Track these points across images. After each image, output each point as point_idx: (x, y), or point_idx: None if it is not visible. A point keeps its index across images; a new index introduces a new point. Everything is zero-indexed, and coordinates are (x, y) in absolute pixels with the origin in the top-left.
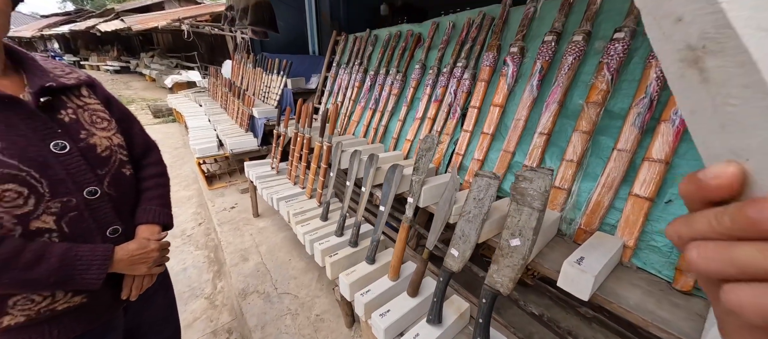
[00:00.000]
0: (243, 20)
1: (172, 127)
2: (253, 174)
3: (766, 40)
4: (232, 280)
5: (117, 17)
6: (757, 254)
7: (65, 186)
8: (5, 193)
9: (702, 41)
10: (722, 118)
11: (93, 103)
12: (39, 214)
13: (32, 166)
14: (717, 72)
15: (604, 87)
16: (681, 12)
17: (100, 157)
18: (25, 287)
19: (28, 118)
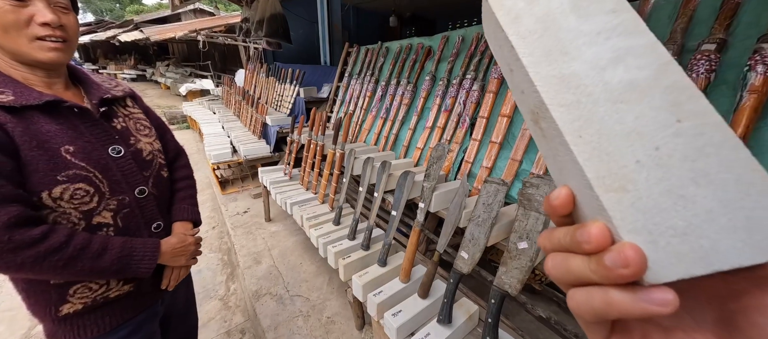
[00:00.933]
0: (258, 32)
1: (187, 134)
2: (267, 179)
3: (567, 114)
4: (245, 282)
5: (136, 28)
6: (584, 265)
7: (120, 186)
8: (77, 191)
9: (536, 109)
10: (558, 164)
11: (137, 112)
12: (100, 211)
13: (96, 168)
14: (548, 131)
15: None
16: (523, 87)
17: (145, 161)
18: (92, 274)
19: (92, 126)
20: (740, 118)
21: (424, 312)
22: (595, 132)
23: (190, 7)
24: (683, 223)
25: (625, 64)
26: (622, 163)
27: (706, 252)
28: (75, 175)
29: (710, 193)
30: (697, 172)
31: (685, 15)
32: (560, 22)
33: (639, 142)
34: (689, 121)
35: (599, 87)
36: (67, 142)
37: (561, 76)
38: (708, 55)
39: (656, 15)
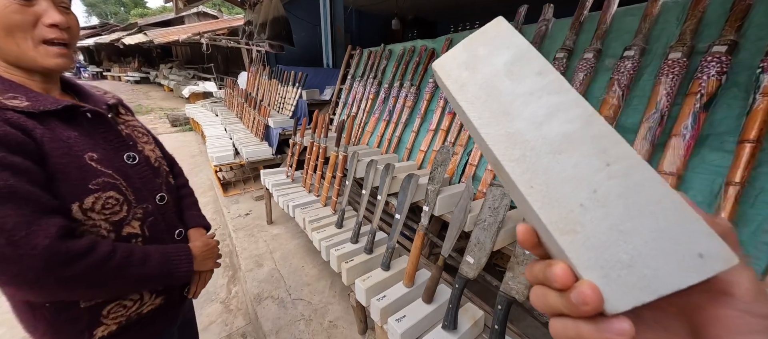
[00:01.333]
0: (261, 34)
1: (189, 136)
2: (269, 181)
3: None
4: (246, 285)
5: (140, 31)
6: (558, 301)
7: (142, 193)
8: (108, 200)
9: (494, 162)
10: (522, 208)
11: (132, 119)
12: (129, 220)
13: (120, 175)
14: (506, 182)
15: (616, 102)
16: (483, 146)
17: (154, 168)
18: (141, 284)
19: (106, 132)
20: (753, 121)
21: (428, 317)
22: (543, 182)
23: (194, 11)
24: (627, 256)
25: (558, 118)
26: (569, 207)
27: (650, 280)
28: (105, 183)
29: (644, 226)
30: (631, 208)
31: (695, 16)
32: (499, 87)
33: (580, 187)
34: (617, 164)
35: (539, 141)
36: (89, 150)
37: (507, 134)
38: (719, 57)
39: (664, 17)
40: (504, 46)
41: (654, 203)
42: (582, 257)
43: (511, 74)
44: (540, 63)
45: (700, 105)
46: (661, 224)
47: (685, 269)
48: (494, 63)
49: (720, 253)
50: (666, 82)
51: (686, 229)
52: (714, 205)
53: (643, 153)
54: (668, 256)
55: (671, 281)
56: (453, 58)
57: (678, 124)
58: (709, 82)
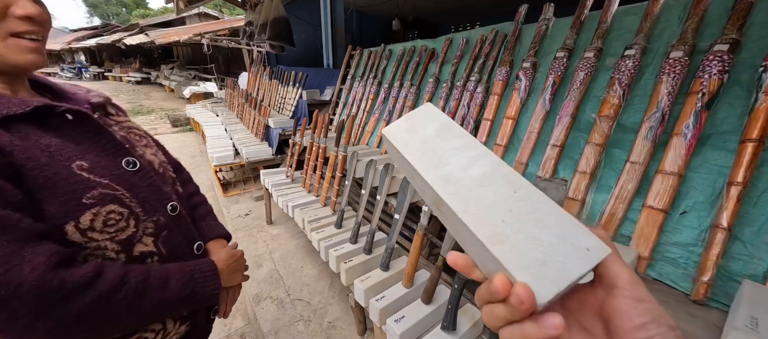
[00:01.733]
0: (261, 35)
1: (189, 136)
2: (269, 182)
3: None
4: (245, 285)
5: (141, 31)
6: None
7: (151, 203)
8: (109, 215)
9: (435, 199)
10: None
11: (125, 120)
12: (140, 237)
13: (122, 185)
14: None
15: (616, 101)
16: (423, 187)
17: (159, 173)
18: (162, 310)
19: (96, 136)
20: (756, 120)
21: (427, 318)
22: (474, 207)
23: (195, 11)
24: (542, 256)
25: (477, 164)
26: (495, 224)
27: (561, 271)
28: (103, 195)
29: (548, 232)
30: (537, 220)
31: (696, 15)
32: (433, 144)
33: (500, 209)
34: (521, 191)
35: (467, 179)
36: (77, 157)
37: (443, 176)
38: (721, 56)
39: (665, 16)
40: (434, 119)
41: (550, 216)
42: (513, 261)
43: (440, 135)
44: (459, 130)
45: (702, 104)
46: (558, 230)
47: (581, 260)
48: (428, 129)
49: (600, 246)
50: (667, 81)
51: (576, 232)
52: (716, 205)
53: (644, 152)
54: (568, 252)
55: (575, 269)
56: (398, 126)
57: (679, 123)
58: (710, 81)
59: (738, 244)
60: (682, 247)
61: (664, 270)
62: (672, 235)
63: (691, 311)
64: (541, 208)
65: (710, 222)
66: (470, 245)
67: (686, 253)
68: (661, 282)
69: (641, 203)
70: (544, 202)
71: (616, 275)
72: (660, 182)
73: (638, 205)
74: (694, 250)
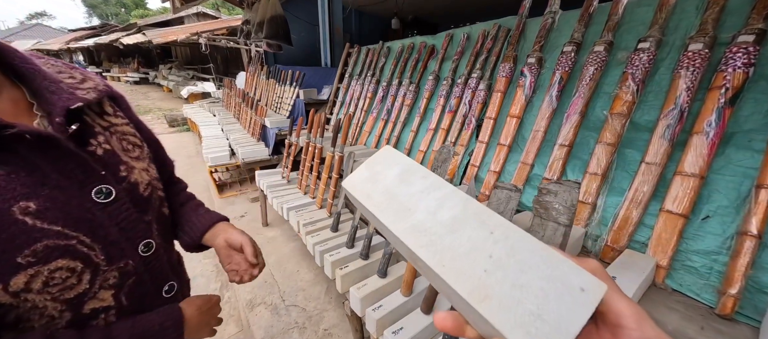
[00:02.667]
0: (258, 34)
1: (186, 136)
2: (264, 183)
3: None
4: (239, 290)
5: (139, 31)
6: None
7: (119, 247)
8: (53, 274)
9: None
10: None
11: (120, 123)
12: (96, 292)
13: (80, 229)
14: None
15: (630, 98)
16: (393, 240)
17: (143, 199)
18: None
19: (60, 160)
20: None
21: (427, 329)
22: (450, 258)
23: (193, 11)
24: (534, 307)
25: (445, 206)
26: (476, 275)
27: (559, 323)
28: (47, 248)
29: (534, 276)
30: (520, 263)
31: (717, 4)
32: (397, 191)
33: (479, 256)
34: (497, 231)
35: (438, 226)
36: (22, 197)
37: (412, 226)
38: (745, 48)
39: (681, 6)
40: (394, 163)
41: (532, 255)
42: (503, 320)
43: (403, 181)
44: (422, 170)
45: (725, 100)
46: (546, 271)
47: (578, 305)
48: (389, 175)
49: (594, 284)
50: (686, 75)
51: (564, 271)
52: (743, 210)
53: (660, 152)
54: (561, 298)
55: (574, 320)
56: (358, 176)
57: (700, 120)
58: (734, 74)
59: None
60: (705, 256)
61: (684, 280)
62: (693, 242)
63: (717, 326)
64: (521, 247)
65: (736, 228)
66: (455, 300)
67: (709, 261)
68: (681, 293)
69: (658, 207)
70: (523, 239)
71: (619, 313)
72: (679, 184)
73: (655, 209)
74: (718, 258)
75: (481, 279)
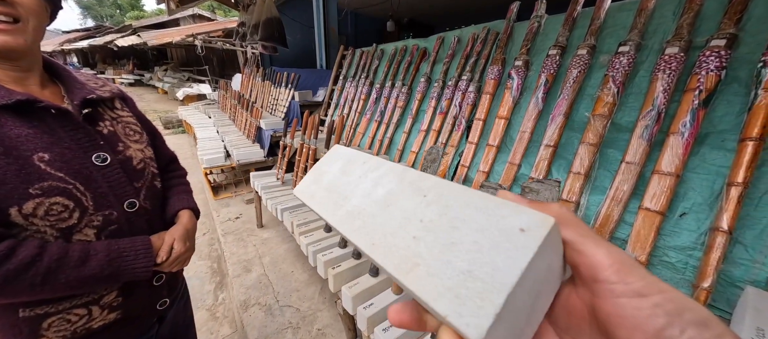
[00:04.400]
0: (254, 36)
1: (182, 139)
2: (259, 184)
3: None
4: (233, 291)
5: (134, 33)
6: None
7: (107, 199)
8: (52, 206)
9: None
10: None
11: (126, 115)
12: (81, 228)
13: (78, 179)
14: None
15: (611, 99)
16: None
17: (136, 170)
18: (81, 286)
19: (73, 130)
20: (756, 118)
21: None
22: (380, 235)
23: (189, 13)
24: (464, 264)
25: (381, 184)
26: (405, 244)
27: (493, 277)
28: (51, 187)
29: (467, 228)
30: (452, 219)
31: (691, 10)
32: (337, 183)
33: (409, 224)
34: (431, 192)
35: (371, 206)
36: (41, 149)
37: (348, 213)
38: (718, 51)
39: (660, 11)
40: (338, 158)
41: (467, 207)
42: (429, 288)
43: (344, 172)
44: (363, 156)
45: (699, 101)
46: (480, 221)
47: (516, 250)
48: (332, 170)
49: (537, 220)
50: (663, 78)
51: (501, 215)
52: (715, 207)
53: (639, 151)
54: (497, 246)
55: (511, 268)
56: (305, 181)
57: (676, 121)
58: (707, 77)
59: (739, 247)
60: (681, 251)
61: (662, 275)
62: (670, 238)
63: None
64: (455, 201)
65: (709, 224)
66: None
67: (685, 257)
68: None
69: (637, 205)
70: (459, 193)
71: (593, 264)
72: (657, 183)
73: (634, 207)
74: (693, 253)
75: (410, 248)
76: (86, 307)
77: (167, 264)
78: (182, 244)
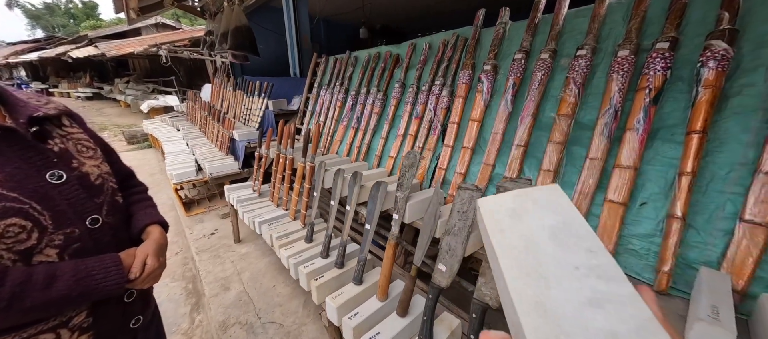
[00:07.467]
0: (223, 45)
1: (148, 154)
2: (234, 198)
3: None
4: (211, 312)
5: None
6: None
7: (67, 217)
8: (8, 228)
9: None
10: None
11: (76, 132)
12: (42, 248)
13: (33, 198)
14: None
15: (573, 100)
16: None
17: (94, 186)
18: (49, 308)
19: (23, 149)
20: (698, 113)
21: (404, 332)
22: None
23: (151, 22)
24: None
25: (606, 310)
26: None
27: None
28: (5, 208)
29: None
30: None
31: (638, 15)
32: (541, 246)
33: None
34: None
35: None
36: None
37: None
38: (662, 53)
39: (611, 17)
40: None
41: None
42: None
43: (556, 239)
44: (592, 240)
45: (650, 99)
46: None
47: None
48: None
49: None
50: (617, 78)
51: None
52: (670, 196)
53: (601, 147)
54: None
55: None
56: (500, 203)
57: (631, 118)
58: (655, 77)
59: (692, 232)
60: (643, 239)
61: (628, 262)
62: (633, 227)
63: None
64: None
65: (666, 212)
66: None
67: (647, 244)
68: (626, 275)
69: (603, 198)
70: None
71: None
72: (618, 176)
73: (600, 199)
74: (653, 240)
75: None
76: (54, 331)
77: (140, 280)
78: (155, 260)
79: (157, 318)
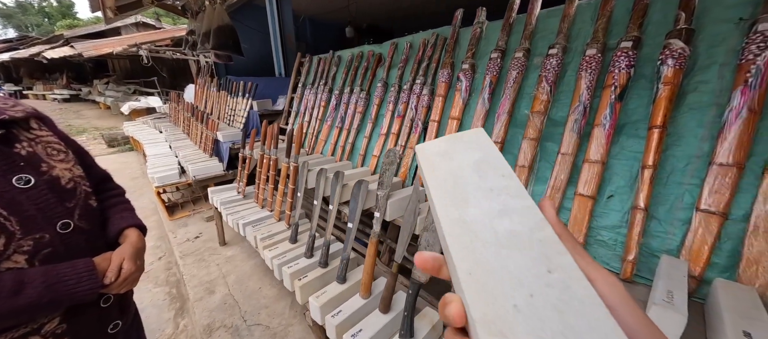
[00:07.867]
0: (205, 45)
1: (130, 156)
2: (218, 200)
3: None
4: (195, 316)
5: (66, 43)
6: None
7: (36, 222)
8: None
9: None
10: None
11: (46, 135)
12: (9, 255)
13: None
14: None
15: (545, 97)
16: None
17: (65, 189)
18: (17, 316)
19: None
20: (659, 108)
21: (386, 328)
22: (483, 272)
23: (131, 21)
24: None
25: (510, 218)
26: (503, 306)
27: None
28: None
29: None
30: (566, 325)
31: (604, 16)
32: (464, 177)
33: (518, 287)
34: (558, 274)
35: (489, 233)
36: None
37: (459, 219)
38: (626, 52)
39: (580, 17)
40: (478, 148)
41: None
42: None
43: (478, 170)
44: (505, 168)
45: (615, 96)
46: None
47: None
48: (466, 158)
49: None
50: (586, 76)
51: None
52: (634, 188)
53: (571, 143)
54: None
55: None
56: (434, 146)
57: (598, 114)
58: (620, 74)
59: (655, 222)
60: (611, 230)
61: (597, 253)
62: (601, 219)
63: None
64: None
65: (631, 204)
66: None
67: (614, 234)
68: None
69: (574, 191)
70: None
71: None
72: (587, 171)
73: (571, 193)
74: (620, 231)
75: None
76: (31, 324)
77: (116, 285)
78: (132, 263)
79: (137, 322)
